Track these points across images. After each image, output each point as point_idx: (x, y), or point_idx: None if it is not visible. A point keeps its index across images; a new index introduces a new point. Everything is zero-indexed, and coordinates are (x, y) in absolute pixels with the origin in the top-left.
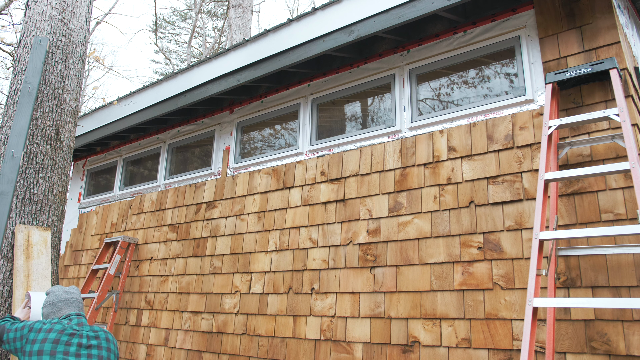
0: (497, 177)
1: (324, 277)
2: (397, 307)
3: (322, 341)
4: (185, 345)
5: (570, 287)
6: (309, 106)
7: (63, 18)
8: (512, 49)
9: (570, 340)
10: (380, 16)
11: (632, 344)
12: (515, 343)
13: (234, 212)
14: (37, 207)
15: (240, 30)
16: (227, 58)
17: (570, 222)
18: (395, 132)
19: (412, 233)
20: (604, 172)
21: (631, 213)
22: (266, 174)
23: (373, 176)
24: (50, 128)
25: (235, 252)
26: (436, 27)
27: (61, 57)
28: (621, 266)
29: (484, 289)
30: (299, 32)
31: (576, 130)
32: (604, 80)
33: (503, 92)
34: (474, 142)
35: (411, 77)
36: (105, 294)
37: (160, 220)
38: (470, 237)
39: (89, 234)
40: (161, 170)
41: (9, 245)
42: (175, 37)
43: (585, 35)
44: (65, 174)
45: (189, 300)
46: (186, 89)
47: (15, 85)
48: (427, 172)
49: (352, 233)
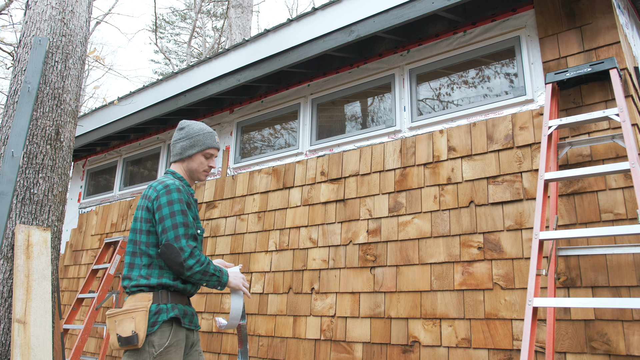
0: (497, 177)
1: (324, 277)
2: (397, 307)
3: (322, 341)
4: None
5: (570, 287)
6: (309, 106)
7: (63, 18)
8: (512, 49)
9: (570, 340)
10: (380, 16)
11: (632, 344)
12: (515, 343)
13: (234, 212)
14: (37, 207)
15: (240, 30)
16: (227, 58)
17: (570, 222)
18: (395, 132)
19: (412, 233)
20: (604, 172)
21: (631, 213)
22: (266, 174)
23: (373, 176)
24: (50, 128)
25: (235, 252)
26: (436, 27)
27: (61, 57)
28: (621, 266)
29: (484, 289)
30: (298, 32)
31: (576, 130)
32: (604, 80)
33: (503, 92)
34: (474, 142)
35: (411, 77)
36: (105, 294)
37: None
38: (470, 237)
39: (89, 234)
40: (161, 170)
41: (9, 245)
42: (175, 37)
43: (585, 35)
44: (65, 174)
45: None
46: (186, 89)
47: (15, 85)
48: (427, 172)
49: (352, 233)
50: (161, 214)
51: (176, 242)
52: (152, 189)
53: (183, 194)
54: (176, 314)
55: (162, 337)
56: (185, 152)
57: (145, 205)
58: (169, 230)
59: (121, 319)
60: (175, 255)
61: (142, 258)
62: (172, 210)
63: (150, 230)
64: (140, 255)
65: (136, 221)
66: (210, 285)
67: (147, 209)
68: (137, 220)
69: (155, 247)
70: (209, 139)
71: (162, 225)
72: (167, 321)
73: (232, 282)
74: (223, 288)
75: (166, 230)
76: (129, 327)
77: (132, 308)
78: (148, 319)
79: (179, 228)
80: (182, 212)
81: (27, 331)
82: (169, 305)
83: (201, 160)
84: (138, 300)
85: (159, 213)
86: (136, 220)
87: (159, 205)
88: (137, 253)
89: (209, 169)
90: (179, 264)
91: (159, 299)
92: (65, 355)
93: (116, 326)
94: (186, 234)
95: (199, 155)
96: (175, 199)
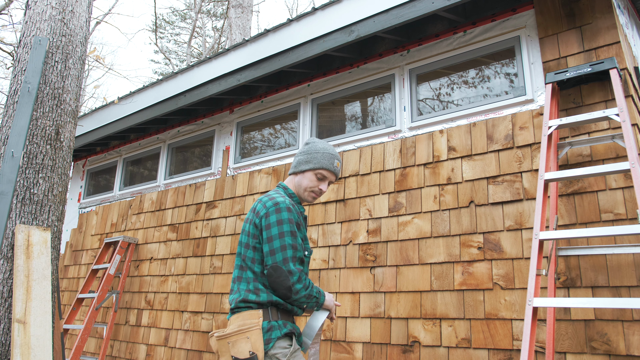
0: (497, 177)
1: (324, 277)
2: (397, 307)
3: (322, 341)
4: (185, 345)
5: (570, 287)
6: (309, 106)
7: (63, 18)
8: (512, 49)
9: (570, 340)
10: (380, 16)
11: (632, 344)
12: (515, 343)
13: (234, 212)
14: (37, 207)
15: (240, 30)
16: (227, 58)
17: (570, 222)
18: (395, 132)
19: (412, 233)
20: (604, 172)
21: (631, 213)
22: (266, 174)
23: (373, 176)
24: (50, 128)
25: (235, 252)
26: (436, 27)
27: (61, 57)
28: (621, 266)
29: (484, 289)
30: (298, 32)
31: (576, 130)
32: (604, 80)
33: (503, 92)
34: (474, 142)
35: (411, 77)
36: (105, 294)
37: (160, 220)
38: (470, 237)
39: (89, 234)
40: (161, 170)
41: (9, 245)
42: (175, 37)
43: (585, 35)
44: (65, 174)
45: (189, 300)
46: (186, 89)
47: (15, 85)
48: (427, 172)
49: (352, 233)
50: (269, 234)
51: (284, 264)
52: (261, 203)
53: (293, 214)
54: (289, 329)
55: (283, 347)
56: (299, 166)
57: (253, 220)
58: (277, 252)
59: (235, 340)
60: (283, 278)
61: (247, 272)
62: (281, 231)
63: (256, 246)
64: (246, 269)
65: (243, 234)
66: (310, 306)
67: (255, 225)
68: (244, 233)
69: (260, 264)
70: (326, 160)
71: (269, 246)
72: (282, 337)
73: (328, 303)
74: (319, 308)
75: (274, 252)
76: (245, 347)
77: (244, 327)
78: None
79: (287, 250)
80: (291, 233)
81: (27, 331)
82: (280, 322)
83: (311, 179)
84: (247, 318)
85: (267, 232)
86: (243, 233)
87: (268, 225)
88: (244, 267)
89: (318, 192)
90: (286, 287)
91: (269, 316)
92: (65, 355)
93: (230, 348)
94: (294, 257)
95: (311, 172)
96: (285, 219)
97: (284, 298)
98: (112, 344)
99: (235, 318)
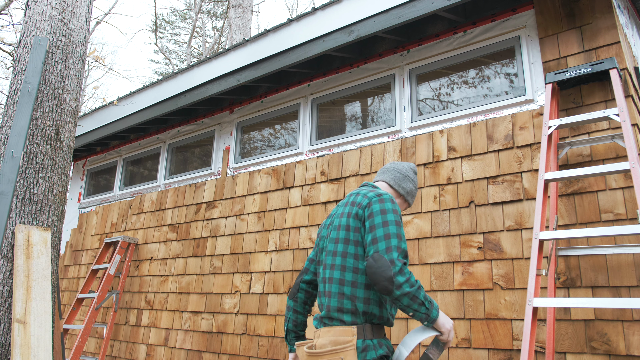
0: (497, 177)
1: None
2: None
3: None
4: (185, 345)
5: (570, 287)
6: (308, 106)
7: (63, 18)
8: (512, 49)
9: (570, 340)
10: (380, 16)
11: (632, 344)
12: (515, 343)
13: (234, 212)
14: (37, 207)
15: (240, 30)
16: (227, 58)
17: (570, 222)
18: (395, 132)
19: (412, 233)
20: (604, 172)
21: (631, 213)
22: (266, 174)
23: (373, 176)
24: (50, 128)
25: (235, 252)
26: (436, 27)
27: (61, 57)
28: (621, 266)
29: (484, 289)
30: (299, 32)
31: (576, 130)
32: (604, 80)
33: (503, 92)
34: (474, 142)
35: (411, 77)
36: (105, 294)
37: (160, 220)
38: (470, 237)
39: (89, 234)
40: (161, 170)
41: (9, 245)
42: (175, 37)
43: (585, 35)
44: (65, 174)
45: (189, 300)
46: (186, 89)
47: (15, 85)
48: (427, 172)
49: None
50: (372, 222)
51: (387, 253)
52: (360, 196)
53: (397, 206)
54: (386, 351)
55: None
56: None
57: (354, 212)
58: (380, 240)
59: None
60: (385, 268)
61: (346, 274)
62: (385, 220)
63: (359, 240)
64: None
65: (340, 229)
66: (417, 316)
67: (356, 215)
68: (341, 228)
69: (364, 260)
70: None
71: (372, 235)
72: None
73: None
74: (430, 325)
75: (377, 240)
76: None
77: (338, 348)
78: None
79: (392, 239)
80: (396, 222)
81: (27, 331)
82: (375, 341)
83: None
84: (340, 335)
85: (370, 221)
86: (340, 229)
87: (371, 213)
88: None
89: None
90: (387, 278)
91: (364, 334)
92: (65, 355)
93: None
94: (399, 247)
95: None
96: (389, 209)
97: (385, 293)
98: (112, 344)
99: (326, 332)
